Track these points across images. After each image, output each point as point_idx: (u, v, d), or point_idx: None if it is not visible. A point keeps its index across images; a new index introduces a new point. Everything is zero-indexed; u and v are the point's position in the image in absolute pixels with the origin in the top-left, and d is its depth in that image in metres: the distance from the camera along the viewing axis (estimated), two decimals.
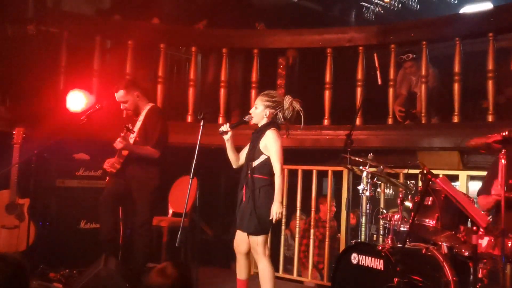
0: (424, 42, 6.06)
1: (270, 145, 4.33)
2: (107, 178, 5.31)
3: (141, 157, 5.14)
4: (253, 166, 4.35)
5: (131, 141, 5.11)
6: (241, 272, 4.59)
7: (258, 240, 4.33)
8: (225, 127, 4.42)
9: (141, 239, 5.18)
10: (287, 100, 4.52)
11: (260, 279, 4.39)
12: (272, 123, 4.45)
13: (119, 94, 5.24)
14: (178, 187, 6.56)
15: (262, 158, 4.36)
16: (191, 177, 4.39)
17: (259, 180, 4.34)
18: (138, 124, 5.27)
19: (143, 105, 5.33)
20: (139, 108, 5.31)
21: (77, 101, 5.91)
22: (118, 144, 4.99)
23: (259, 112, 4.47)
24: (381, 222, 4.74)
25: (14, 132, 5.53)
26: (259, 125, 4.50)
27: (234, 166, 4.61)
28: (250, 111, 4.54)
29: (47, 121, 5.83)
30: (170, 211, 6.59)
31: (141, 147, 5.14)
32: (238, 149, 4.59)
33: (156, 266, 2.91)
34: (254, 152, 4.39)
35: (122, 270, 4.80)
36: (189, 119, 6.69)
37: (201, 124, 4.40)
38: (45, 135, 5.67)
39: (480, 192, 4.30)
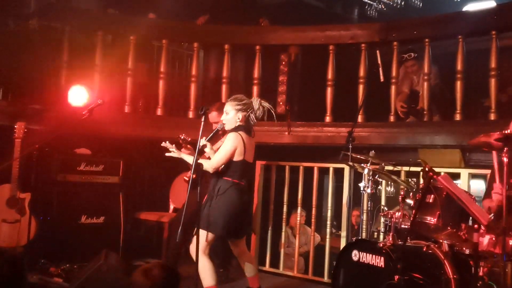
0: (426, 40, 6.04)
1: (223, 144, 4.51)
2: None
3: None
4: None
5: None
6: (246, 270, 4.79)
7: (205, 236, 4.40)
8: (202, 141, 4.47)
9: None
10: (256, 101, 4.67)
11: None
12: (239, 127, 4.58)
13: (212, 115, 5.35)
14: (179, 183, 6.56)
15: None
16: (191, 173, 4.40)
17: (222, 182, 4.52)
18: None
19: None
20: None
21: (78, 96, 5.91)
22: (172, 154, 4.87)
23: (231, 117, 4.60)
24: (382, 219, 4.74)
25: (15, 126, 5.53)
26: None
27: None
28: (221, 118, 4.64)
29: (49, 116, 5.85)
30: (171, 206, 6.59)
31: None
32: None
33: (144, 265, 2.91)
34: None
35: (122, 265, 4.81)
36: (190, 115, 6.69)
37: (202, 120, 4.42)
38: (46, 129, 5.67)
39: (484, 197, 4.29)
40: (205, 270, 4.43)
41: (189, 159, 4.58)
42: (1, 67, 6.33)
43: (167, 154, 4.56)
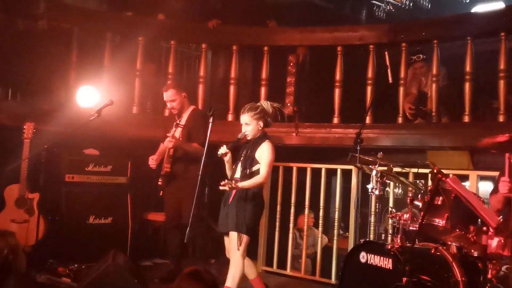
0: (435, 41, 6.03)
1: (264, 155, 4.59)
2: (160, 180, 5.45)
3: (189, 155, 5.29)
4: (247, 172, 4.58)
5: None
6: (248, 273, 4.82)
7: (237, 238, 4.51)
8: (223, 149, 4.58)
9: (176, 237, 5.32)
10: (266, 104, 4.78)
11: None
12: (266, 135, 4.72)
13: (169, 93, 5.49)
14: None
15: (257, 167, 4.60)
16: (200, 173, 4.42)
17: None
18: (181, 125, 5.44)
19: (187, 106, 5.59)
20: (183, 109, 5.55)
21: (87, 96, 5.92)
22: (169, 143, 5.19)
23: (253, 127, 4.69)
24: (390, 221, 4.73)
25: (24, 127, 5.55)
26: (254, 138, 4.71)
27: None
28: (243, 131, 4.71)
29: (58, 116, 5.86)
30: None
31: (190, 144, 5.35)
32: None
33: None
34: (251, 161, 4.62)
35: (130, 265, 4.82)
36: None
37: (210, 120, 4.43)
38: (55, 130, 5.69)
39: (491, 193, 4.28)
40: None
41: (228, 165, 4.72)
42: (10, 67, 6.36)
43: (220, 155, 4.61)
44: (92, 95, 5.91)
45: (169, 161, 5.39)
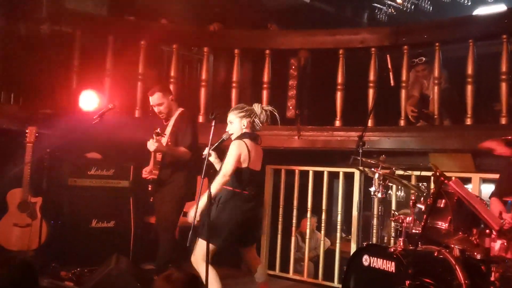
0: (437, 44, 6.03)
1: (228, 152, 4.45)
2: (150, 186, 5.32)
3: (174, 158, 5.20)
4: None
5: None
6: (256, 276, 4.74)
7: (202, 247, 4.24)
8: (206, 151, 4.47)
9: (165, 239, 5.24)
10: (257, 106, 4.65)
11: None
12: (244, 134, 4.54)
13: (155, 97, 5.31)
14: None
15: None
16: (202, 177, 4.41)
17: (223, 191, 4.44)
18: (169, 129, 5.33)
19: (175, 109, 5.41)
20: (171, 112, 5.37)
21: (89, 100, 5.94)
22: (151, 146, 5.03)
23: (236, 126, 4.58)
24: (393, 224, 4.72)
25: (27, 131, 5.56)
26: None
27: None
28: (227, 129, 4.61)
29: (60, 120, 5.86)
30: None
31: (174, 148, 5.21)
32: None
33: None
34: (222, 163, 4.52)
35: (133, 269, 4.82)
36: (200, 119, 6.69)
37: (213, 124, 4.42)
38: (57, 134, 5.69)
39: (492, 195, 4.28)
40: (210, 279, 4.24)
41: (218, 166, 4.61)
42: (13, 71, 6.38)
43: (204, 156, 4.48)
44: (95, 99, 5.92)
45: (157, 167, 5.25)
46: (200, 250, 4.33)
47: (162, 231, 5.28)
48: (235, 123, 4.58)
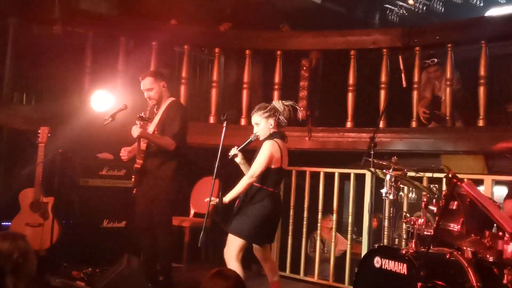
0: (449, 45, 6.00)
1: (259, 153, 4.46)
2: (133, 176, 5.22)
3: (158, 148, 5.10)
4: None
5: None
6: (269, 275, 4.74)
7: (236, 242, 4.39)
8: (234, 151, 4.52)
9: (164, 239, 5.19)
10: (278, 103, 4.66)
11: None
12: (274, 134, 4.56)
13: (146, 81, 5.22)
14: (200, 187, 6.60)
15: None
16: (213, 178, 4.42)
17: (258, 190, 4.48)
18: (157, 117, 5.25)
19: (166, 97, 5.31)
20: (161, 99, 5.28)
21: (101, 101, 5.95)
22: (134, 131, 4.93)
23: (263, 127, 4.58)
24: (405, 226, 4.70)
25: (39, 131, 5.59)
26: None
27: None
28: (254, 131, 4.61)
29: (72, 121, 5.89)
30: (192, 211, 6.62)
31: (158, 136, 5.10)
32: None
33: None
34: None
35: (144, 269, 4.83)
36: (211, 120, 6.70)
37: (224, 125, 4.43)
38: (69, 134, 5.72)
39: (506, 197, 4.25)
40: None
41: (243, 167, 4.65)
42: (25, 72, 6.42)
43: (230, 157, 4.57)
44: (107, 100, 5.94)
45: (141, 157, 5.07)
46: (234, 247, 4.40)
47: (158, 231, 5.20)
48: (262, 123, 4.57)
